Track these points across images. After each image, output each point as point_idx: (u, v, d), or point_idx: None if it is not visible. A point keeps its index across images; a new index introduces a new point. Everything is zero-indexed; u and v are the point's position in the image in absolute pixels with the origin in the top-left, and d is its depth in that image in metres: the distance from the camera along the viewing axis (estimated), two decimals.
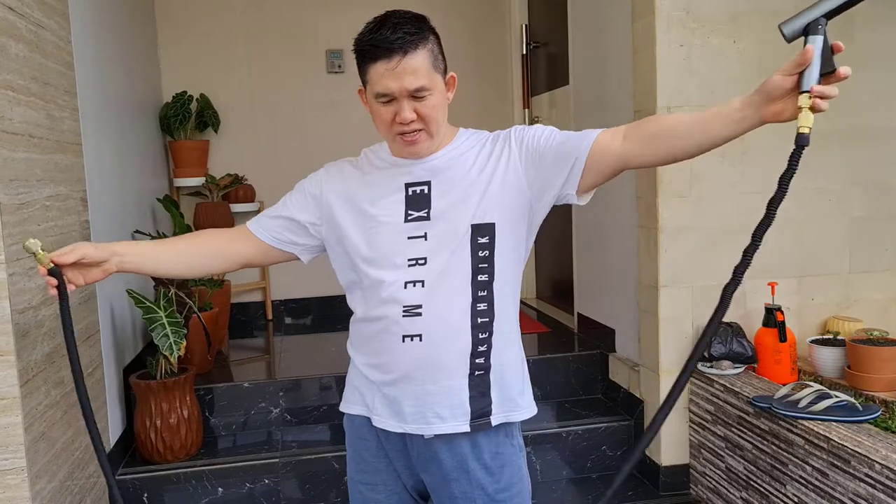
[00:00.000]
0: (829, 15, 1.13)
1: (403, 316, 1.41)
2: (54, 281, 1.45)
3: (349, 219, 1.48)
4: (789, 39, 1.16)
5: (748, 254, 1.17)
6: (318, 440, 2.86)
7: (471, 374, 1.43)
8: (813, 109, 1.14)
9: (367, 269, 1.45)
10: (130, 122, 3.38)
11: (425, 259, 1.41)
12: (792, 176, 1.17)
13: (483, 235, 1.40)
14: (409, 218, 1.43)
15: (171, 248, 1.57)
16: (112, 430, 2.64)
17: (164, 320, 2.62)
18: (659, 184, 2.54)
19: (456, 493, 1.48)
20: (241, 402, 2.96)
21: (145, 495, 2.61)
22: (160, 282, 2.81)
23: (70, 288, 1.47)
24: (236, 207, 4.04)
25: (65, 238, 2.26)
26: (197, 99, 4.03)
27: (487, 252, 1.41)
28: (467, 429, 1.43)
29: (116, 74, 3.16)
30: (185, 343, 2.62)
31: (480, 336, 1.42)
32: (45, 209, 2.11)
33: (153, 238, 3.27)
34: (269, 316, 4.26)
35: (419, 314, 1.40)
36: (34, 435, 1.94)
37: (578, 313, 3.52)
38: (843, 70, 1.13)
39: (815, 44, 1.12)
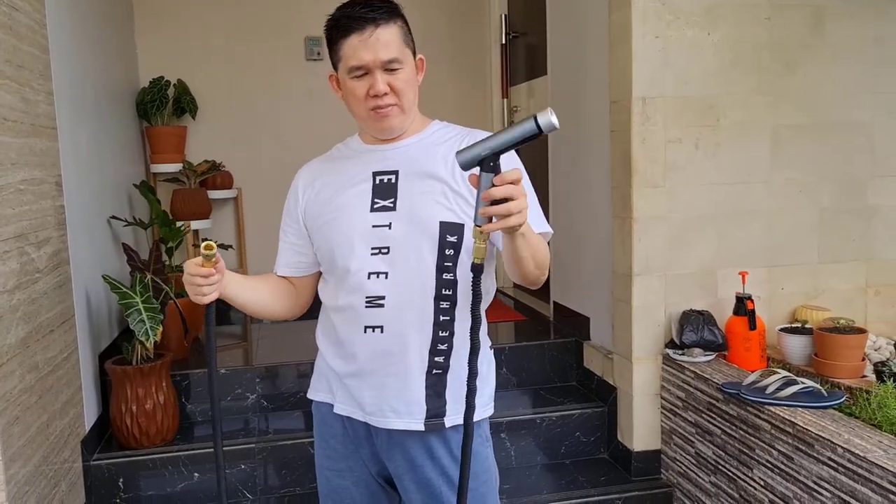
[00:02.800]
0: (499, 152, 1.17)
1: (366, 306, 1.42)
2: (215, 293, 1.43)
3: (322, 209, 1.50)
4: (463, 168, 1.19)
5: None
6: (295, 426, 2.87)
7: (428, 372, 1.44)
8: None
9: (337, 257, 1.46)
10: (107, 106, 3.36)
11: (388, 248, 1.41)
12: (478, 304, 1.22)
13: (452, 234, 1.40)
14: (375, 207, 1.43)
15: (261, 285, 1.59)
16: (87, 415, 2.64)
17: (141, 306, 2.61)
18: (634, 174, 2.58)
19: (422, 480, 1.49)
20: (217, 388, 2.96)
21: (121, 480, 2.61)
22: (136, 267, 2.80)
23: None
24: (214, 194, 4.02)
25: (39, 223, 2.25)
26: (174, 84, 4.01)
27: (453, 252, 1.40)
28: (421, 427, 1.44)
29: (92, 59, 3.13)
30: (161, 329, 2.62)
31: (441, 334, 1.43)
32: (19, 193, 2.10)
33: (128, 224, 3.25)
34: None
35: (381, 305, 1.41)
36: (8, 419, 1.94)
37: (554, 302, 3.56)
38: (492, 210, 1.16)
39: (482, 181, 1.17)
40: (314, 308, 1.66)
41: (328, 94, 4.69)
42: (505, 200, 1.14)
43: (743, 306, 2.55)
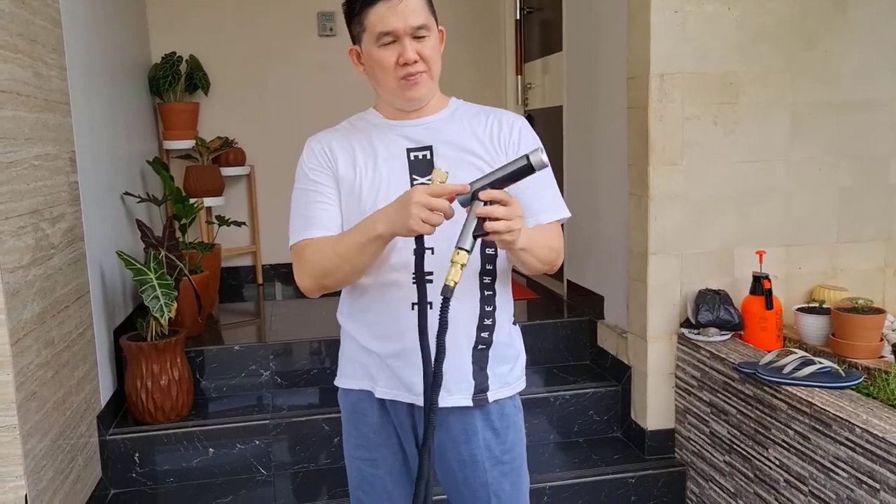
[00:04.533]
0: (494, 185, 1.23)
1: (413, 283, 1.37)
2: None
3: (358, 179, 1.43)
4: (462, 205, 1.24)
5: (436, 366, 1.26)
6: (309, 403, 2.88)
7: (475, 347, 1.45)
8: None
9: None
10: (119, 82, 3.34)
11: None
12: (444, 329, 1.23)
13: (491, 249, 1.44)
14: (415, 183, 1.41)
15: None
16: (103, 390, 2.65)
17: (155, 282, 2.62)
18: (651, 152, 2.54)
19: (464, 455, 1.48)
20: (231, 364, 2.97)
21: (137, 455, 2.63)
22: (150, 243, 2.80)
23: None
24: (226, 171, 4.01)
25: (54, 198, 2.25)
26: (187, 60, 3.98)
27: (490, 265, 1.44)
28: (470, 403, 1.45)
29: (105, 33, 3.12)
30: (175, 305, 2.62)
31: (486, 308, 1.45)
32: (33, 168, 2.10)
33: (142, 200, 3.25)
34: (260, 280, 4.26)
35: (430, 280, 1.36)
36: (25, 394, 1.95)
37: (568, 280, 3.54)
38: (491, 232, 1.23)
39: (473, 207, 1.22)
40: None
41: (341, 71, 4.65)
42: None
43: (760, 286, 2.53)
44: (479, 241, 1.25)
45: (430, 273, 1.37)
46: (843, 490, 1.91)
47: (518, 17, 4.25)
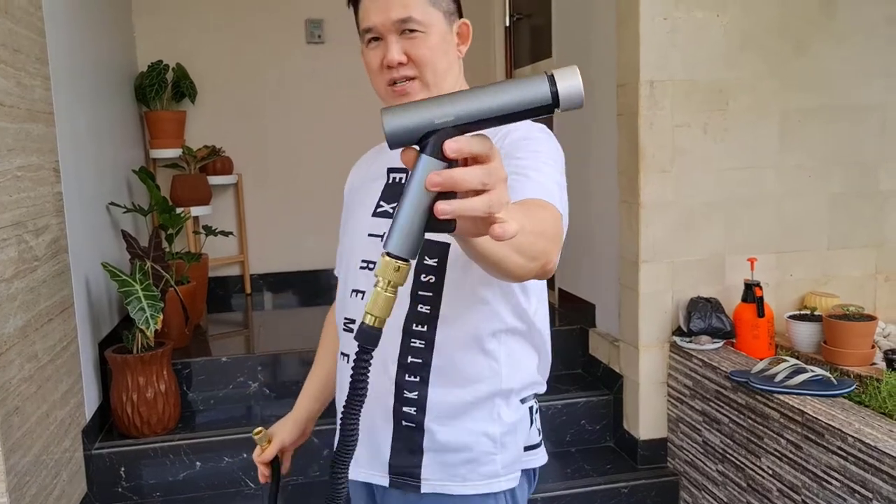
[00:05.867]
0: (467, 127, 0.66)
1: (343, 329, 1.19)
2: (267, 470, 1.33)
3: (345, 207, 1.31)
4: (395, 141, 0.66)
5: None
6: None
7: (396, 423, 1.11)
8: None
9: (338, 265, 1.29)
10: (105, 91, 3.31)
11: (375, 264, 1.02)
12: (359, 403, 0.70)
13: (431, 257, 1.08)
14: (377, 211, 1.17)
15: (325, 375, 1.39)
16: (88, 404, 2.61)
17: (140, 293, 2.58)
18: (641, 159, 2.53)
19: None
20: (219, 376, 2.94)
21: (122, 469, 2.59)
22: (136, 254, 2.77)
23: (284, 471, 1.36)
24: (214, 180, 3.98)
25: (37, 210, 2.22)
26: (173, 69, 3.95)
27: (433, 278, 1.07)
28: (385, 483, 1.14)
29: (90, 42, 3.08)
30: (161, 317, 2.59)
31: (408, 379, 1.10)
32: (16, 179, 2.06)
33: (127, 211, 3.21)
34: (248, 290, 4.23)
35: (351, 330, 1.15)
36: (8, 409, 1.92)
37: (559, 288, 3.53)
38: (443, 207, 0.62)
39: (421, 164, 0.65)
40: (313, 296, 1.57)
41: (329, 79, 4.63)
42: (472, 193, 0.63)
43: (751, 293, 2.52)
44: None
45: (353, 321, 1.15)
46: (835, 500, 1.89)
47: (507, 24, 4.24)
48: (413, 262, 0.67)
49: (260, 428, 1.34)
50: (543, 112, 0.67)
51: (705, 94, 2.55)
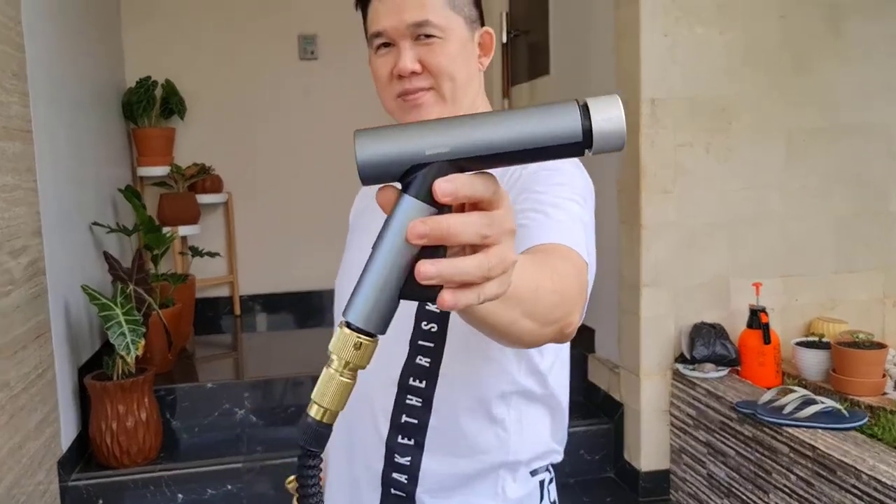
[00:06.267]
0: (469, 164, 0.51)
1: None
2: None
3: (353, 220, 1.19)
4: (368, 177, 0.52)
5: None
6: (286, 443, 2.73)
7: (385, 490, 0.97)
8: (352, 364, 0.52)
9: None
10: (89, 107, 3.22)
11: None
12: None
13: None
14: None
15: None
16: (66, 433, 2.50)
17: (122, 318, 2.48)
18: (642, 179, 2.45)
19: None
20: (204, 403, 2.83)
21: (100, 501, 2.47)
22: (118, 277, 2.67)
23: None
24: (203, 198, 3.88)
25: (13, 231, 2.12)
26: (162, 85, 3.87)
27: (435, 326, 0.93)
28: None
29: (73, 58, 3.00)
30: (143, 342, 2.48)
31: (401, 441, 0.96)
32: None
33: (111, 231, 3.12)
34: (238, 311, 4.11)
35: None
36: None
37: None
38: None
39: (402, 206, 0.50)
40: (305, 317, 1.45)
41: (323, 96, 4.53)
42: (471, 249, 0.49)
43: (757, 319, 2.42)
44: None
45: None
46: None
47: (504, 41, 4.17)
48: (379, 338, 0.51)
49: (292, 477, 1.08)
50: (568, 153, 0.51)
51: (708, 112, 2.47)
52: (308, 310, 4.03)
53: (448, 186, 0.47)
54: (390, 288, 0.50)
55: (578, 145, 0.51)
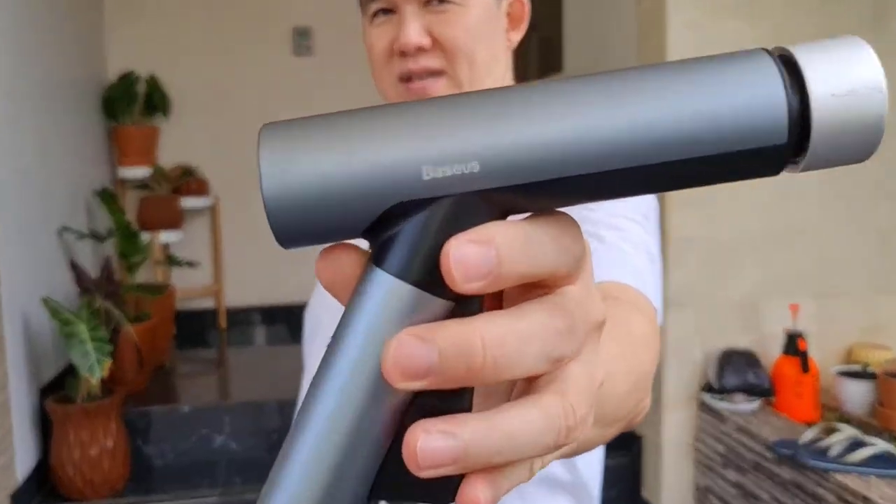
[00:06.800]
0: (501, 199, 0.24)
1: None
2: None
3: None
4: (281, 236, 0.26)
5: None
6: (267, 474, 2.48)
7: None
8: None
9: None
10: (62, 104, 2.97)
11: None
12: None
13: None
14: None
15: None
16: (22, 462, 2.25)
17: (86, 335, 2.23)
18: None
19: None
20: (179, 428, 2.57)
21: None
22: (85, 288, 2.42)
23: None
24: (187, 202, 3.63)
25: None
26: (146, 80, 3.62)
27: None
28: None
29: (44, 49, 2.75)
30: (109, 362, 2.23)
31: None
32: None
33: (82, 237, 2.87)
34: (223, 325, 3.84)
35: None
36: None
37: None
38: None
39: (367, 302, 0.24)
40: (297, 332, 1.15)
41: (319, 93, 4.20)
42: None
43: (794, 345, 2.17)
44: None
45: None
46: None
47: None
48: None
49: None
50: (751, 168, 0.25)
51: None
52: (299, 325, 3.76)
53: (479, 255, 0.22)
54: (348, 485, 0.25)
55: (778, 149, 0.24)
